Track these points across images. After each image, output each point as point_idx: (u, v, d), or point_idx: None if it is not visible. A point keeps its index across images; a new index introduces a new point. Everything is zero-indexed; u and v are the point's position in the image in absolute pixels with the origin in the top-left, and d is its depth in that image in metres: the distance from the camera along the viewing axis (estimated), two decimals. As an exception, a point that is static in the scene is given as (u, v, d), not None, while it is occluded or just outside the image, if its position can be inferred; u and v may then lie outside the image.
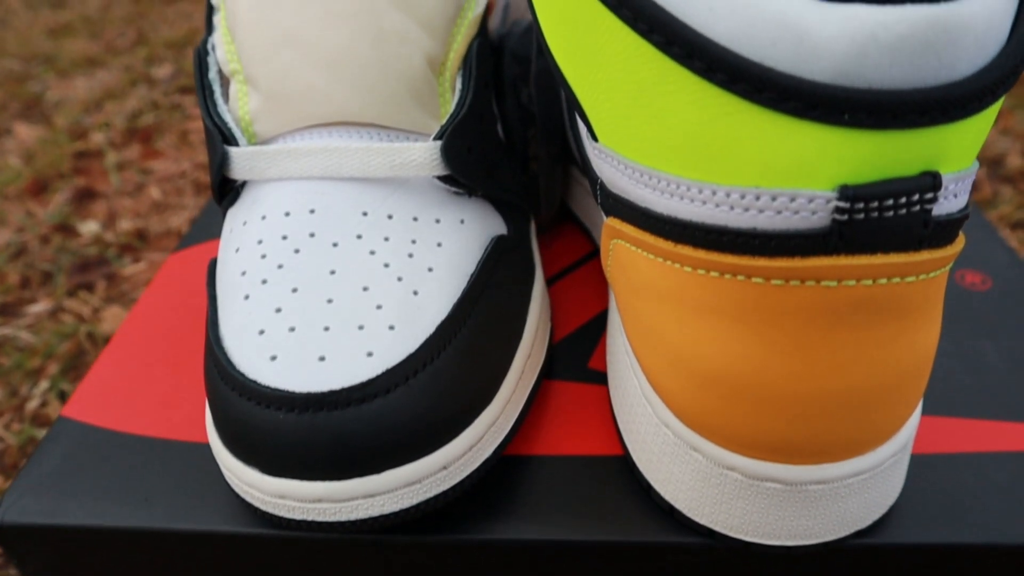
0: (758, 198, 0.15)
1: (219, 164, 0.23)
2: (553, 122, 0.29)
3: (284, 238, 0.22)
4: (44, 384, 0.46)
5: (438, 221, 0.23)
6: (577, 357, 0.27)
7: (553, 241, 0.33)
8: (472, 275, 0.23)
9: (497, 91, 0.29)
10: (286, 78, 0.23)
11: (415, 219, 0.23)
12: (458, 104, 0.24)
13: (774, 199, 0.15)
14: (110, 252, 0.57)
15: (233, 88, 0.24)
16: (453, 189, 0.24)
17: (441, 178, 0.23)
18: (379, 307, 0.20)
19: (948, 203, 0.15)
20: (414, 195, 0.23)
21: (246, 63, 0.24)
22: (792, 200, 0.15)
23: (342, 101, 0.23)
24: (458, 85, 0.24)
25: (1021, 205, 0.59)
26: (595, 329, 0.28)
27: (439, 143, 0.23)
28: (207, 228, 0.36)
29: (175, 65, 0.94)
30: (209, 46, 0.25)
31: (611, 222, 0.20)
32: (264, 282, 0.21)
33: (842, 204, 0.15)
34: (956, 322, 0.29)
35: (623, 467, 0.23)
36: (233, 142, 0.23)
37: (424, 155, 0.23)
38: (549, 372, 0.27)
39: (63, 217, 0.63)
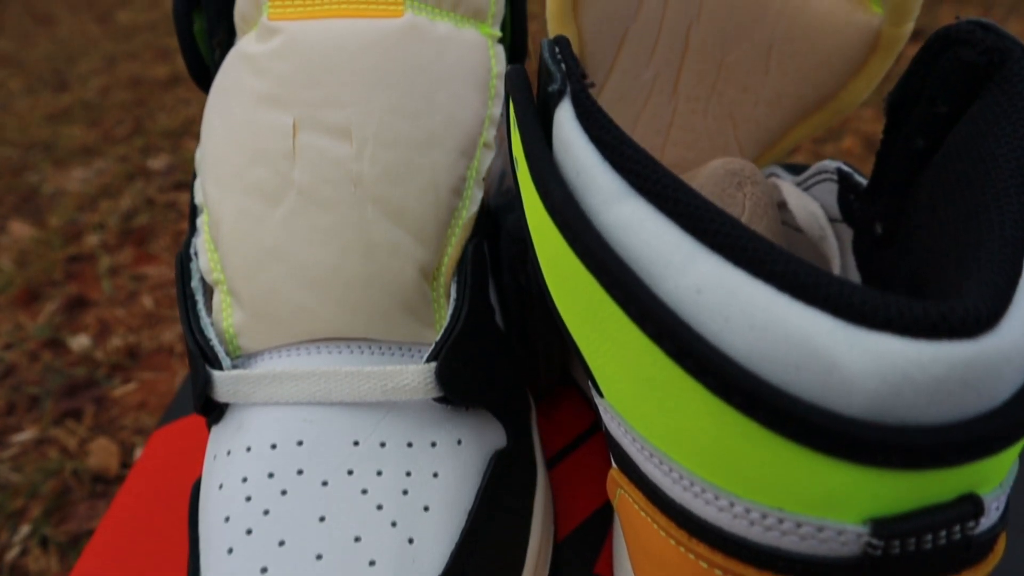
0: (781, 521, 0.14)
1: (202, 386, 0.22)
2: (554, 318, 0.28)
3: (271, 476, 0.20)
4: (25, 529, 0.44)
5: (434, 445, 0.22)
6: (583, 561, 0.26)
7: (554, 411, 0.32)
8: (471, 511, 0.21)
9: (494, 265, 0.28)
10: (271, 296, 0.22)
11: (409, 445, 0.22)
12: (453, 316, 0.23)
13: (799, 525, 0.14)
14: (100, 373, 0.56)
15: (216, 298, 0.23)
16: (449, 406, 0.23)
17: (437, 398, 0.22)
18: (372, 563, 0.19)
19: (989, 519, 0.14)
20: (408, 417, 0.22)
21: (230, 276, 0.22)
22: (820, 530, 0.14)
23: (330, 319, 0.22)
24: (453, 292, 0.23)
25: None
26: (600, 526, 0.27)
27: (433, 365, 0.21)
28: (189, 401, 0.34)
29: (171, 156, 0.94)
30: (192, 251, 0.24)
31: (618, 477, 0.19)
32: (249, 532, 0.20)
33: (875, 541, 0.13)
34: None
35: None
36: (216, 364, 0.22)
37: (418, 379, 0.21)
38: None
39: (53, 330, 0.61)
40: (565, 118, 0.16)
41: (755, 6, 0.24)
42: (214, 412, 0.23)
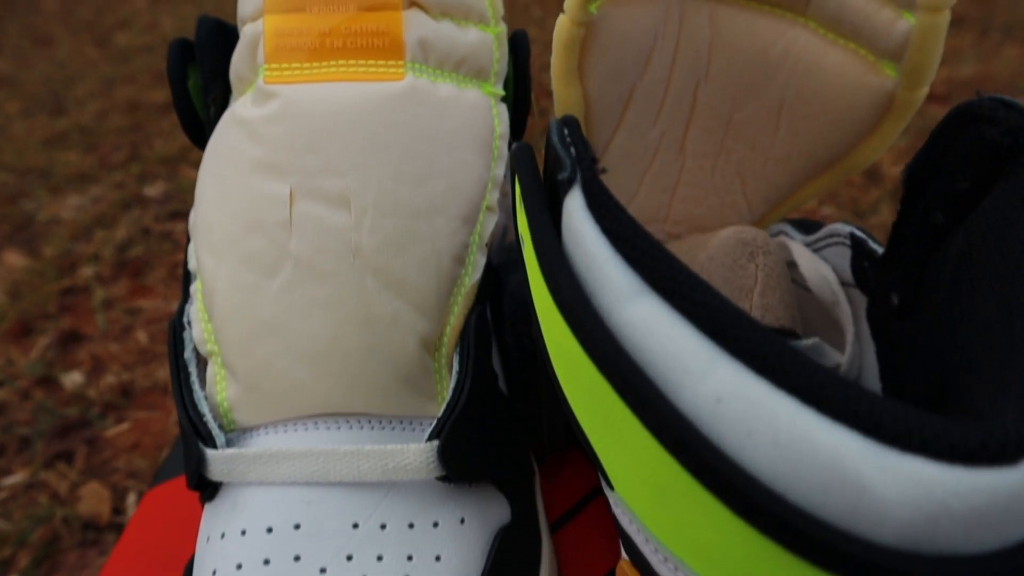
0: (810, 648, 0.13)
1: (196, 464, 0.21)
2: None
3: (266, 562, 0.20)
4: (14, 580, 0.43)
5: (436, 525, 0.21)
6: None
7: (557, 469, 0.31)
8: (474, 598, 0.20)
9: (497, 324, 0.27)
10: (267, 370, 0.21)
11: (411, 526, 0.21)
12: (455, 390, 0.22)
13: (830, 654, 0.13)
14: (92, 412, 0.55)
15: (210, 371, 0.22)
16: (452, 484, 0.22)
17: (440, 477, 0.21)
18: (371, 657, 0.18)
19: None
20: (409, 497, 0.21)
21: (224, 349, 0.22)
22: (851, 660, 0.13)
23: (328, 394, 0.21)
24: (455, 363, 0.22)
25: None
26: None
27: (435, 444, 0.21)
28: (182, 458, 0.33)
29: (168, 183, 0.93)
30: (185, 319, 0.23)
31: (629, 571, 0.18)
32: (242, 624, 0.19)
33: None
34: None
35: None
36: (210, 441, 0.21)
37: (419, 458, 0.21)
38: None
39: (46, 367, 0.60)
40: (575, 208, 0.15)
41: (765, 66, 0.23)
42: (208, 490, 0.22)
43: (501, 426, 0.23)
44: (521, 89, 0.25)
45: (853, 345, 0.23)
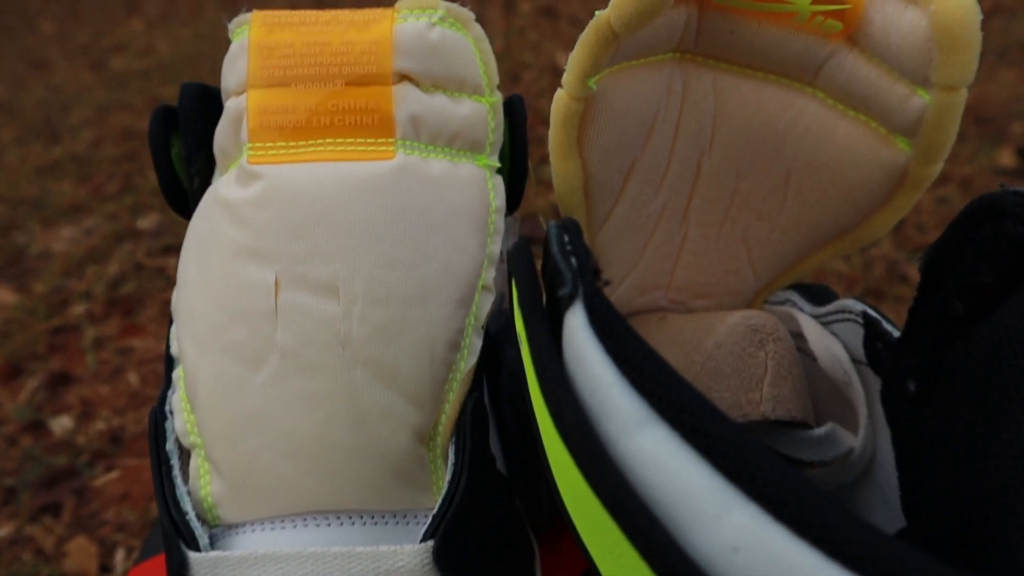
0: None
1: (177, 567, 0.20)
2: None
3: (250, 676, 0.18)
4: (-3, 644, 0.41)
5: (431, 630, 0.20)
6: None
7: (557, 541, 0.30)
8: None
9: (493, 397, 0.26)
10: (253, 466, 0.20)
11: (404, 633, 0.20)
12: (451, 483, 0.21)
13: None
14: (81, 461, 0.53)
15: (194, 463, 0.21)
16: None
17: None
18: None
19: None
20: (403, 599, 0.20)
21: (207, 443, 0.21)
22: None
23: (317, 491, 0.20)
24: (451, 454, 0.21)
25: None
26: None
27: (431, 545, 0.19)
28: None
29: (161, 215, 0.92)
30: (167, 408, 0.22)
31: None
32: None
33: None
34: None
35: None
36: (193, 543, 0.20)
37: (414, 560, 0.19)
38: None
39: (34, 410, 0.59)
40: (577, 327, 0.14)
41: (771, 137, 0.23)
42: (190, 591, 0.21)
43: (500, 516, 0.22)
44: (518, 157, 0.24)
45: (867, 428, 0.22)
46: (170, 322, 0.23)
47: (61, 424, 0.58)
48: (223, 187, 0.21)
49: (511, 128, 0.24)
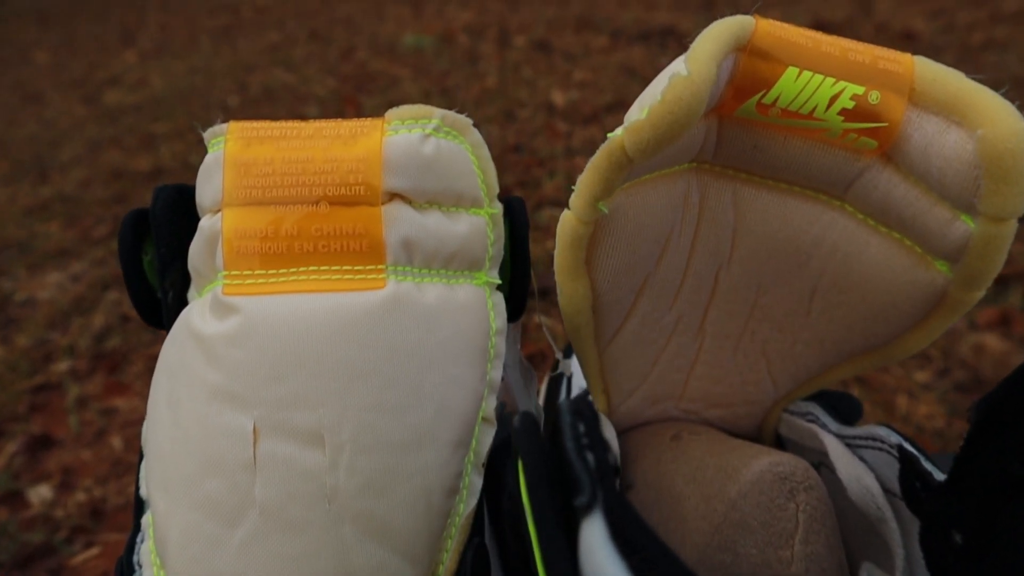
0: None
1: None
2: None
3: None
4: None
5: None
6: None
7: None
8: None
9: (494, 517, 0.24)
10: (227, 637, 0.18)
11: None
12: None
13: None
14: (58, 537, 0.51)
15: (163, 625, 0.19)
16: None
17: None
18: None
19: None
20: None
21: (178, 606, 0.18)
22: None
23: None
24: (450, 610, 0.19)
25: None
26: None
27: None
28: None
29: (151, 261, 0.90)
30: (136, 559, 0.20)
31: None
32: None
33: None
34: None
35: None
36: None
37: None
38: None
39: (11, 478, 0.57)
40: (597, 544, 0.12)
41: (796, 253, 0.21)
42: None
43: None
44: (519, 266, 0.23)
45: (904, 573, 0.20)
46: (140, 456, 0.21)
47: (39, 494, 0.55)
48: (196, 317, 0.19)
49: (512, 234, 0.22)
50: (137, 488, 0.21)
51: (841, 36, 0.19)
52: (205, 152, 0.21)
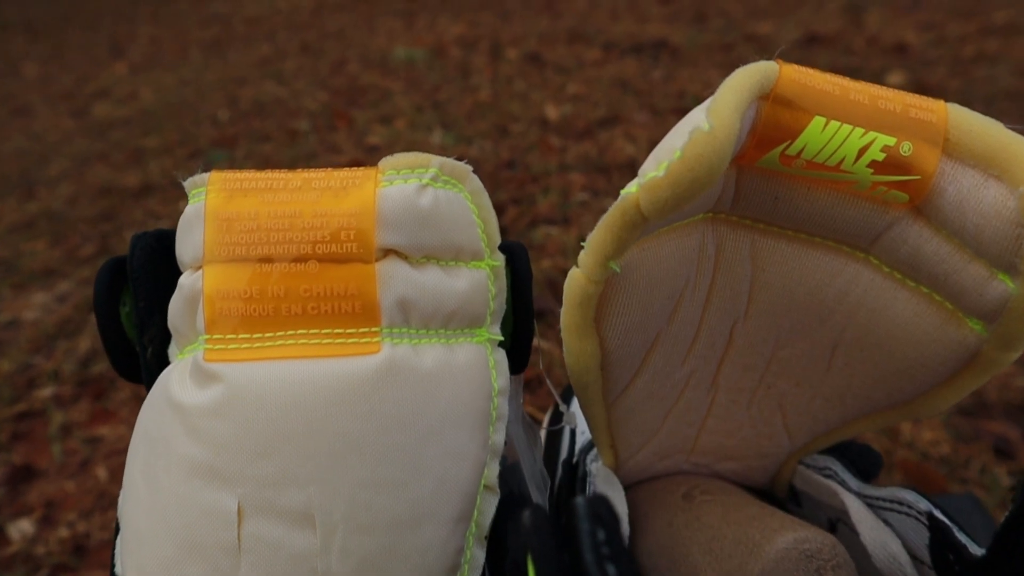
0: None
1: None
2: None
3: None
4: None
5: None
6: None
7: None
8: None
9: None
10: None
11: None
12: None
13: None
14: (40, 576, 0.49)
15: None
16: None
17: None
18: None
19: None
20: None
21: None
22: None
23: None
24: None
25: None
26: None
27: None
28: None
29: (138, 281, 0.88)
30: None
31: None
32: None
33: None
34: None
35: None
36: None
37: None
38: None
39: (-8, 513, 0.55)
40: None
41: (817, 307, 0.20)
42: None
43: None
44: (522, 317, 0.21)
45: (937, 650, 0.19)
46: (116, 529, 0.20)
47: (20, 529, 0.53)
48: (176, 384, 0.18)
49: (514, 286, 0.21)
50: (112, 567, 0.19)
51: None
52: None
